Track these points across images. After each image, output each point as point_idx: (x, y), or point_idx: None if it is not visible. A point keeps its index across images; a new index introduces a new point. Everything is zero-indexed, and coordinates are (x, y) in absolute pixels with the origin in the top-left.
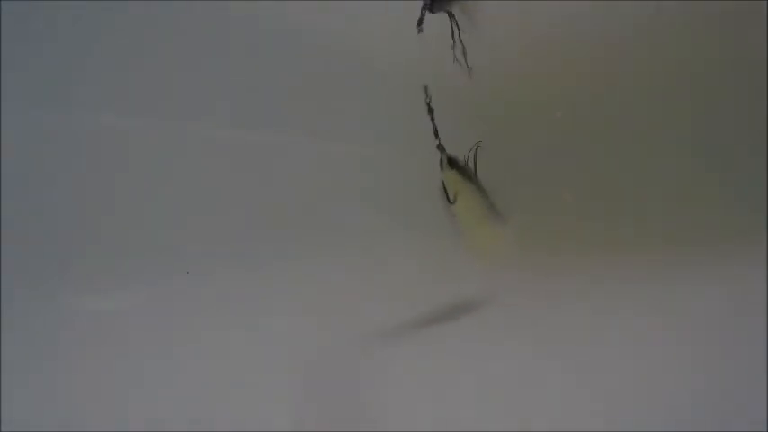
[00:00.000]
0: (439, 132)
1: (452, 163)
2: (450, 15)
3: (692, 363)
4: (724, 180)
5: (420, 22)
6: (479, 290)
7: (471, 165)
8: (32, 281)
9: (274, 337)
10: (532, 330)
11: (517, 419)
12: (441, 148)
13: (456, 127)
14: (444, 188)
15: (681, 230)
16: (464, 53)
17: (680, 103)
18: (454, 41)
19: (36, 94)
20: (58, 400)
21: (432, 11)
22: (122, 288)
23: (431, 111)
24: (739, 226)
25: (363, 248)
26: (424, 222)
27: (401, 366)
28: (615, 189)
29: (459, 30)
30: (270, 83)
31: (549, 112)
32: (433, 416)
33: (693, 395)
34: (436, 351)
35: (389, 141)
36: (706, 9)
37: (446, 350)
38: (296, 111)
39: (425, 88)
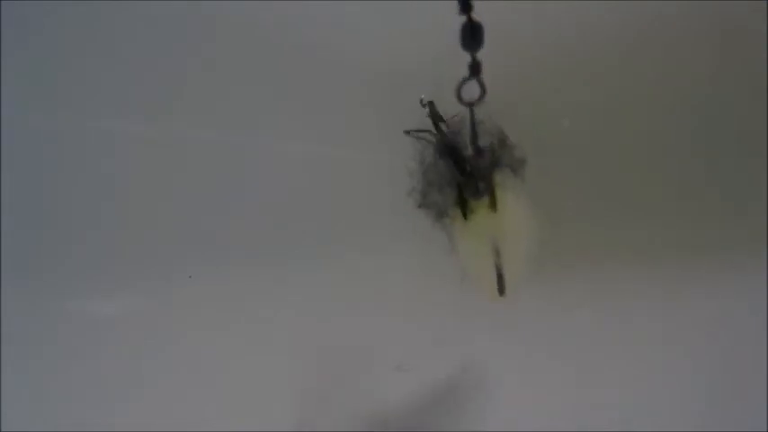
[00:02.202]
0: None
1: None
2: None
3: (693, 363)
4: (725, 183)
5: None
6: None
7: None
8: (33, 284)
9: (275, 339)
10: (536, 333)
11: (520, 418)
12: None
13: None
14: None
15: (681, 233)
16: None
17: (680, 106)
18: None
19: (37, 96)
20: (57, 402)
21: None
22: (122, 291)
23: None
24: (740, 229)
25: (363, 250)
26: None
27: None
28: (618, 194)
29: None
30: (269, 87)
31: (556, 121)
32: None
33: (694, 395)
34: (437, 352)
35: (387, 146)
36: (706, 11)
37: (448, 352)
38: (295, 114)
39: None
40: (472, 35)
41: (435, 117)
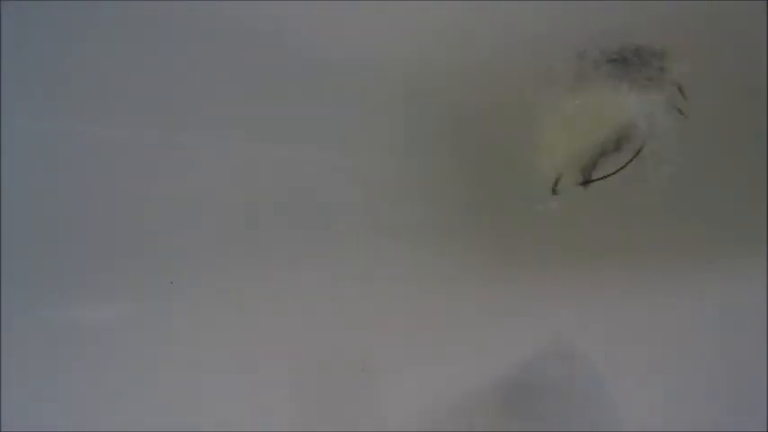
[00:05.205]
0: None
1: None
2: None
3: (692, 363)
4: (725, 183)
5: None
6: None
7: None
8: (32, 287)
9: (274, 341)
10: (536, 330)
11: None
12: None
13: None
14: None
15: (682, 233)
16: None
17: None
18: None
19: (37, 97)
20: (57, 402)
21: None
22: (121, 295)
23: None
24: (739, 227)
25: (357, 252)
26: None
27: (400, 369)
28: (617, 191)
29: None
30: (259, 92)
31: None
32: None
33: (694, 395)
34: (433, 354)
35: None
36: (706, 10)
37: (445, 353)
38: (294, 117)
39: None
40: None
41: None
